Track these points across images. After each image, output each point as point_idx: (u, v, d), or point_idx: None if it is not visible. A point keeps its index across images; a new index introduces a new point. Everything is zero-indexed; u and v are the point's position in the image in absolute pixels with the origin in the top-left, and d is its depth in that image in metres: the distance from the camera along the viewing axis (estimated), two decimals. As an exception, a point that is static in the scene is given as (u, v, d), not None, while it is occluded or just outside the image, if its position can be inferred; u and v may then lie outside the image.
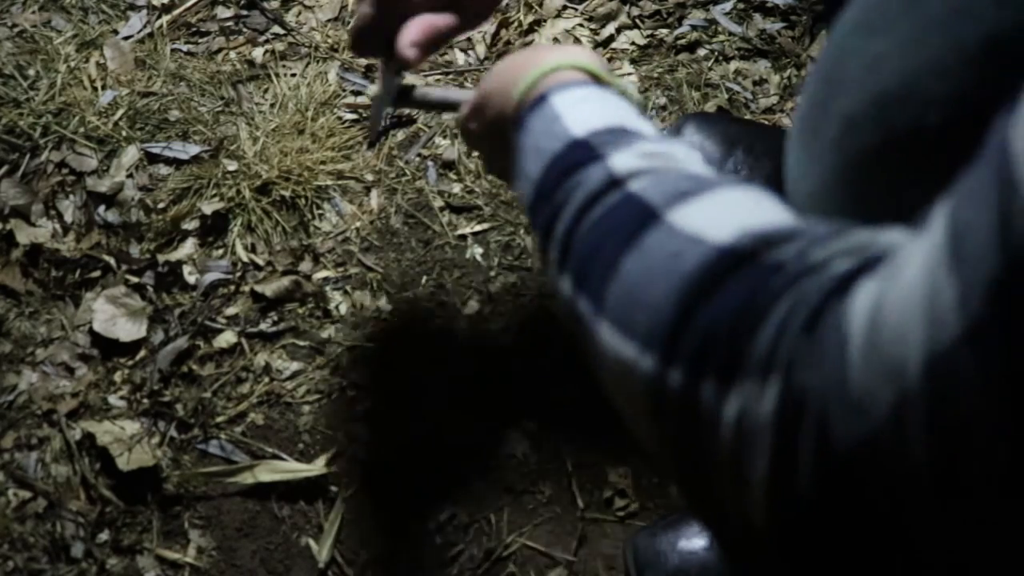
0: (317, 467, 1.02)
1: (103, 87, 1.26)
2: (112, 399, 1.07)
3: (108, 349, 1.09)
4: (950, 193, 0.29)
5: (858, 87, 0.44)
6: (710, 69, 1.29)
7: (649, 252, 0.40)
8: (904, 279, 0.29)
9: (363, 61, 1.30)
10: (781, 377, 0.32)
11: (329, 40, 1.31)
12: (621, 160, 0.47)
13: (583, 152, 0.49)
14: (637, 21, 1.34)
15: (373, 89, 0.77)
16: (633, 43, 1.32)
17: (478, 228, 1.17)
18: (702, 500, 0.38)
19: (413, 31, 0.71)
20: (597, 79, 0.58)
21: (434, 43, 0.73)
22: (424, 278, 1.14)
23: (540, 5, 1.35)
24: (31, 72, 1.27)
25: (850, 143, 0.45)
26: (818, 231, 0.37)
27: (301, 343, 1.10)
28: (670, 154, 0.47)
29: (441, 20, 0.72)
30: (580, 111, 0.53)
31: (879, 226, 0.36)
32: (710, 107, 1.25)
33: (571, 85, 0.56)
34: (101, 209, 1.18)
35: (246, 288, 1.13)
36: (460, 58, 1.31)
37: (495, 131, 0.63)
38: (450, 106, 0.78)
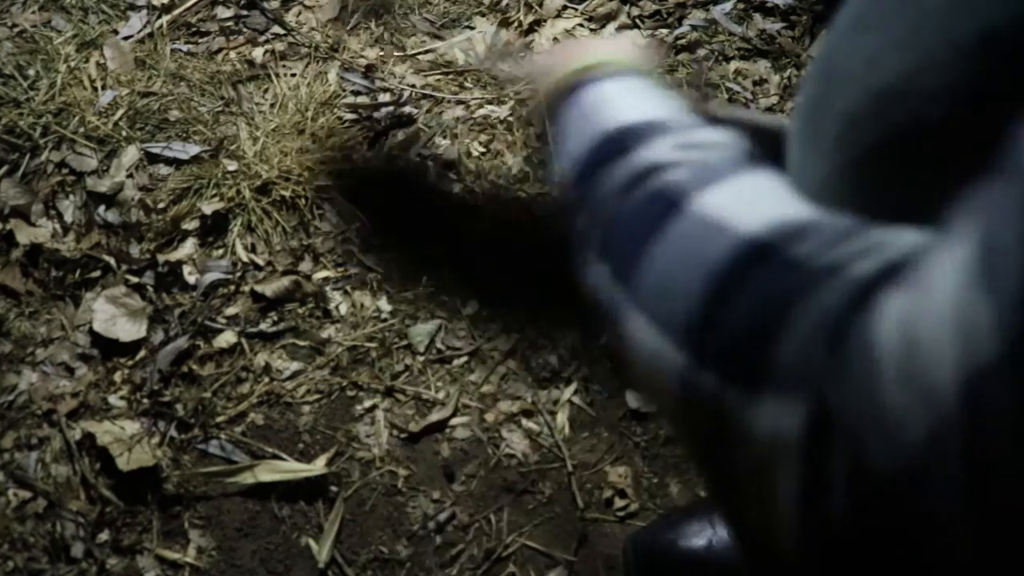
0: (317, 467, 1.02)
1: (103, 87, 1.26)
2: (112, 399, 1.06)
3: (108, 349, 1.09)
4: (974, 201, 0.29)
5: (856, 85, 0.44)
6: (710, 69, 1.29)
7: (677, 240, 0.41)
8: (936, 296, 0.28)
9: (363, 61, 1.30)
10: (807, 394, 0.31)
11: (329, 40, 1.31)
12: (662, 150, 0.48)
13: (630, 139, 0.50)
14: (637, 21, 1.34)
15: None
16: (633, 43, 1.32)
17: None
18: (728, 501, 0.38)
19: None
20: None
21: None
22: (424, 278, 1.14)
23: (540, 5, 1.35)
24: (31, 72, 1.27)
25: (851, 141, 0.45)
26: (834, 226, 0.37)
27: (301, 343, 1.10)
28: (709, 143, 0.49)
29: None
30: (633, 98, 0.54)
31: (887, 224, 0.36)
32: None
33: (627, 74, 0.58)
34: (101, 209, 1.18)
35: (246, 288, 1.13)
36: (460, 58, 1.31)
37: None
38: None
